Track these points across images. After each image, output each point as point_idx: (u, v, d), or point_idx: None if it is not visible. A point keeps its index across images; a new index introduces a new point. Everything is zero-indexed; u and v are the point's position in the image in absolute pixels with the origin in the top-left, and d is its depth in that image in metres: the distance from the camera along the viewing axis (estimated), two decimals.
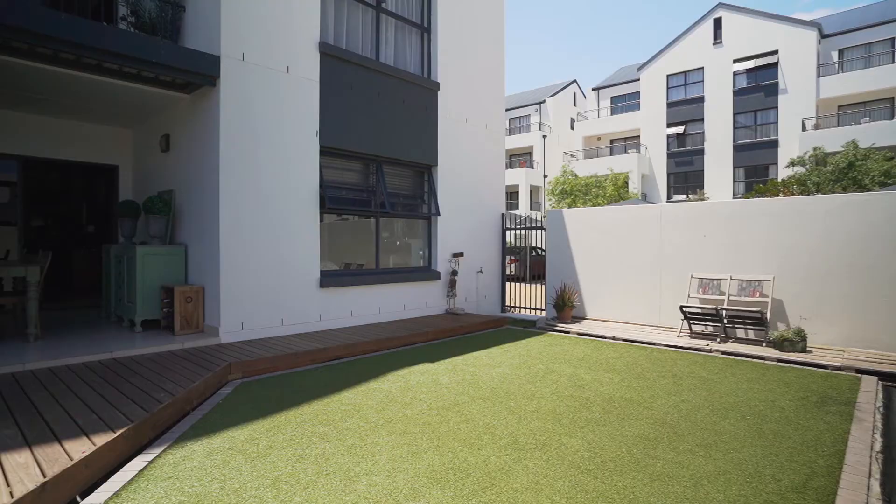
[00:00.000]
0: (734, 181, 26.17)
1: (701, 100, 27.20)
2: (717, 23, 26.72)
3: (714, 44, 26.76)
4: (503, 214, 9.89)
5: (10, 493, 2.47)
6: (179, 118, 6.71)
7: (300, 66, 6.59)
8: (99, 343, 5.50)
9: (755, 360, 5.83)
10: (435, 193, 8.56)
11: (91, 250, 8.55)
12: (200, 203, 6.22)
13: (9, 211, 7.60)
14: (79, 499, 2.71)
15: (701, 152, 27.25)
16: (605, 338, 7.19)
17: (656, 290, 7.64)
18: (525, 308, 9.75)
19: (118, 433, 3.17)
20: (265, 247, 6.27)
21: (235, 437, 3.47)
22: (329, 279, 6.99)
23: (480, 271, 9.34)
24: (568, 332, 7.62)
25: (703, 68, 27.19)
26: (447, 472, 2.98)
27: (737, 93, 26.07)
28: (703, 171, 27.17)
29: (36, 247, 7.93)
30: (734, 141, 26.15)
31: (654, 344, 6.73)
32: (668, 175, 28.61)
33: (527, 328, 8.11)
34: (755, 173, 25.53)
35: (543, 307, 9.18)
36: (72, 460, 2.81)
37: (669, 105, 28.48)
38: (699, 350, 6.35)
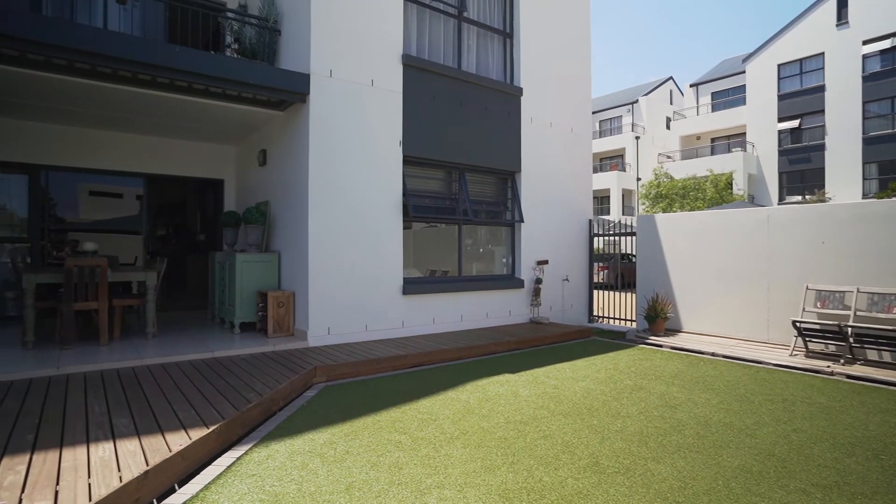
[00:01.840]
0: (864, 178, 23.07)
1: (821, 89, 24.36)
2: (842, 1, 23.81)
3: (838, 25, 23.85)
4: (590, 220, 9.49)
5: (120, 478, 2.72)
6: (275, 134, 7.19)
7: (384, 79, 6.79)
8: (203, 343, 6.01)
9: (892, 388, 5.03)
10: (518, 200, 8.41)
11: (201, 257, 9.42)
12: (292, 213, 6.60)
13: (137, 222, 8.59)
14: (177, 487, 2.93)
15: (821, 147, 24.38)
16: (702, 353, 6.59)
17: (763, 303, 6.88)
18: (614, 318, 9.25)
19: (211, 429, 3.40)
20: (351, 254, 6.50)
21: (315, 440, 3.58)
22: (412, 286, 7.09)
23: (566, 279, 9.01)
24: (660, 346, 7.10)
25: (822, 54, 24.34)
26: (521, 491, 2.85)
27: (867, 78, 23.00)
28: (823, 168, 24.25)
29: (159, 254, 8.88)
30: (864, 133, 23.06)
31: (760, 362, 6.05)
32: (780, 174, 25.93)
33: (615, 340, 7.67)
34: (892, 169, 22.32)
35: (634, 318, 8.65)
36: (171, 451, 3.04)
37: (781, 97, 25.86)
38: (817, 372, 5.61)
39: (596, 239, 9.55)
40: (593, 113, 35.96)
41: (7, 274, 7.28)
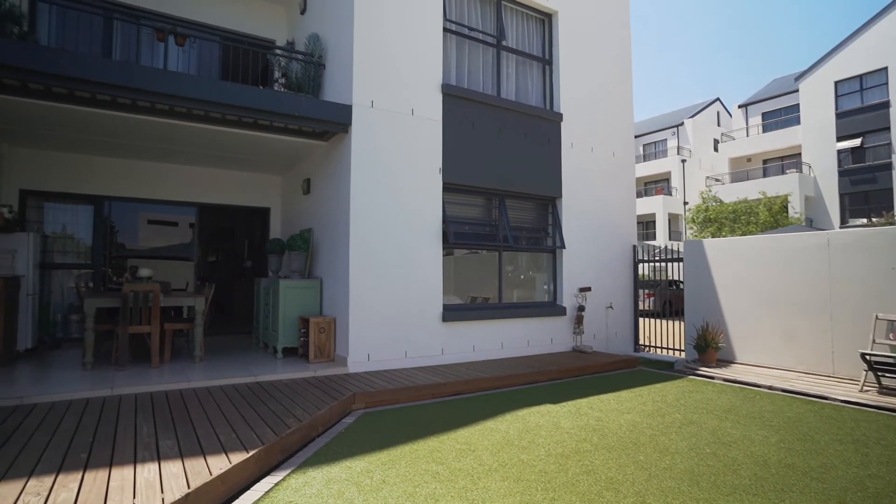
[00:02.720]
0: None
1: (885, 105, 23.08)
2: None
3: None
4: (634, 246, 9.22)
5: (163, 500, 2.78)
6: (318, 163, 7.43)
7: (423, 108, 6.93)
8: (246, 367, 6.15)
9: None
10: (559, 226, 8.29)
11: (248, 283, 9.75)
12: (334, 240, 6.74)
13: (189, 249, 9.00)
14: None
15: (888, 167, 22.96)
16: (758, 386, 6.19)
17: (826, 333, 6.43)
18: (661, 348, 8.86)
19: (251, 454, 3.43)
20: (391, 281, 6.55)
21: (352, 468, 3.55)
22: (451, 313, 7.05)
23: (610, 307, 8.74)
24: (712, 378, 6.72)
25: (886, 69, 23.13)
26: None
27: None
28: (891, 188, 22.79)
29: (208, 280, 9.24)
30: None
31: (825, 398, 5.61)
32: (842, 196, 24.55)
33: (662, 370, 7.33)
34: None
35: (682, 347, 8.26)
36: (211, 475, 3.08)
37: (840, 115, 24.68)
38: (893, 411, 5.14)
39: (641, 265, 9.26)
40: (636, 137, 35.43)
41: (73, 298, 7.74)
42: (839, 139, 24.61)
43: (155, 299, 5.93)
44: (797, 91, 26.84)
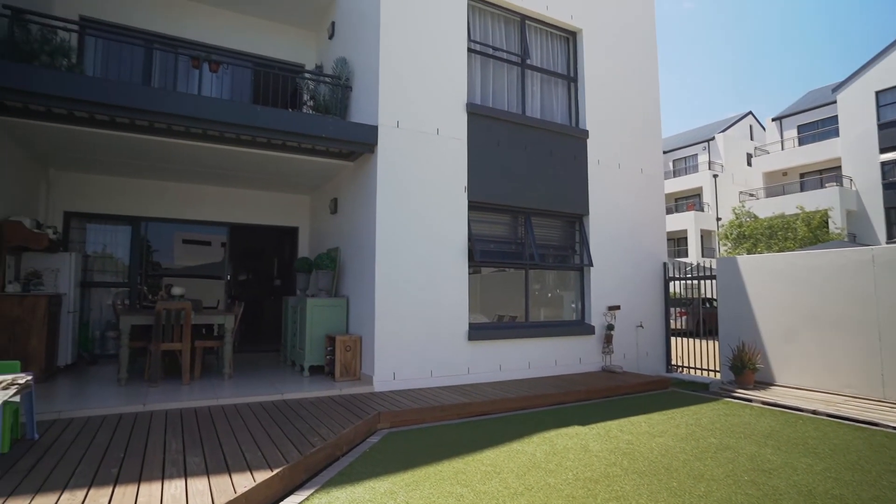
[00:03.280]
0: None
1: None
2: None
3: None
4: (665, 263, 9.00)
5: None
6: (345, 183, 7.55)
7: (448, 127, 6.99)
8: (273, 385, 6.20)
9: None
10: (587, 243, 8.18)
11: (277, 301, 9.90)
12: (360, 258, 6.80)
13: (220, 267, 9.23)
14: None
15: None
16: (800, 410, 5.89)
17: (874, 355, 6.10)
18: (695, 368, 8.55)
19: (275, 472, 3.43)
20: (416, 300, 6.55)
21: (376, 489, 3.51)
22: (477, 332, 6.99)
23: (640, 325, 8.52)
24: (749, 401, 6.43)
25: None
26: None
27: None
28: None
29: (240, 298, 9.44)
30: None
31: (876, 424, 5.29)
32: (888, 210, 23.52)
33: (696, 392, 7.06)
34: None
35: (717, 368, 7.96)
36: (235, 493, 3.09)
37: (882, 126, 23.79)
38: None
39: (672, 283, 9.02)
40: (666, 152, 34.90)
41: (110, 315, 8.00)
42: (882, 150, 23.69)
43: (186, 317, 6.07)
44: (835, 102, 26.06)
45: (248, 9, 8.59)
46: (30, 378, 3.61)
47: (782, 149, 29.40)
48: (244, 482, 3.26)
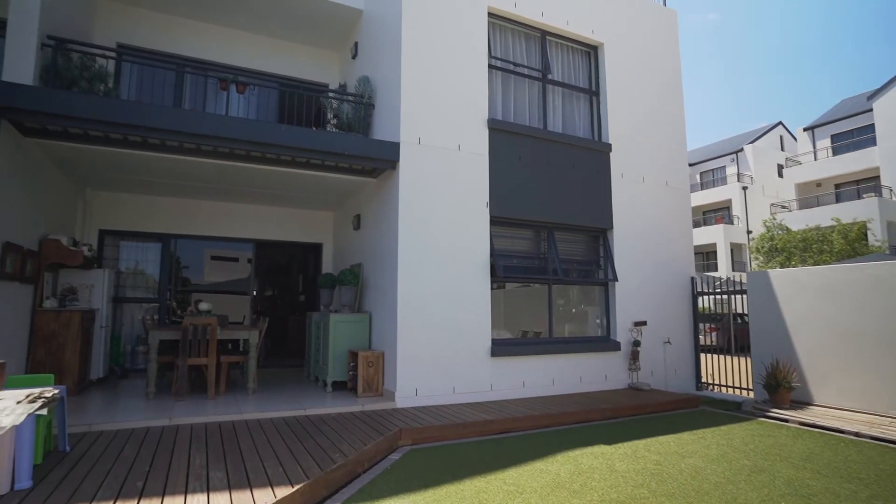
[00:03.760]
0: None
1: None
2: None
3: None
4: (693, 278, 8.79)
5: None
6: (368, 200, 7.64)
7: (470, 143, 7.02)
8: (297, 400, 6.23)
9: None
10: (611, 258, 8.05)
11: (303, 316, 10.01)
12: (383, 274, 6.84)
13: (246, 283, 9.40)
14: None
15: None
16: (841, 432, 5.61)
17: None
18: (726, 386, 8.26)
19: (295, 488, 3.43)
20: (439, 316, 6.53)
21: None
22: (500, 348, 6.92)
23: (668, 341, 8.30)
24: (786, 421, 6.16)
25: None
26: None
27: None
28: None
29: (265, 313, 9.58)
30: None
31: None
32: None
33: (728, 411, 6.81)
34: None
35: (751, 386, 7.67)
36: None
37: None
38: None
39: (701, 298, 8.78)
40: (692, 165, 34.32)
41: (141, 330, 8.21)
42: None
43: (212, 332, 6.18)
44: (870, 111, 25.26)
45: (275, 32, 8.86)
46: (57, 392, 3.71)
47: (815, 159, 28.55)
48: (265, 498, 3.26)
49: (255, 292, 9.39)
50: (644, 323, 8.00)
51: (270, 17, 8.43)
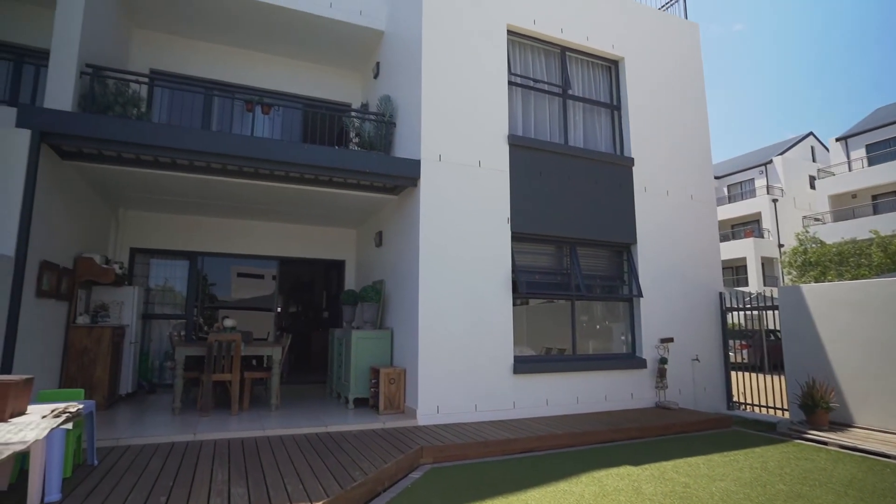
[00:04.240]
0: None
1: None
2: None
3: None
4: (721, 293, 8.55)
5: None
6: (390, 217, 7.70)
7: (490, 159, 7.04)
8: (318, 417, 6.25)
9: None
10: (636, 273, 7.91)
11: (326, 333, 10.09)
12: (404, 290, 6.85)
13: (271, 300, 9.54)
14: None
15: None
16: (887, 457, 5.32)
17: None
18: (760, 406, 7.95)
19: None
20: (460, 332, 6.49)
21: None
22: (523, 365, 6.82)
23: (696, 359, 8.06)
24: (824, 443, 5.88)
25: None
26: None
27: None
28: None
29: (290, 330, 9.68)
30: None
31: None
32: None
33: (762, 432, 6.55)
34: None
35: (786, 406, 7.37)
36: None
37: None
38: None
39: (730, 314, 8.53)
40: (719, 177, 33.66)
41: (168, 346, 8.39)
42: None
43: (236, 349, 6.27)
44: None
45: (300, 54, 9.11)
46: (81, 407, 3.81)
47: (850, 170, 27.68)
48: None
49: (279, 309, 9.51)
50: (671, 339, 7.80)
51: (295, 41, 8.69)
